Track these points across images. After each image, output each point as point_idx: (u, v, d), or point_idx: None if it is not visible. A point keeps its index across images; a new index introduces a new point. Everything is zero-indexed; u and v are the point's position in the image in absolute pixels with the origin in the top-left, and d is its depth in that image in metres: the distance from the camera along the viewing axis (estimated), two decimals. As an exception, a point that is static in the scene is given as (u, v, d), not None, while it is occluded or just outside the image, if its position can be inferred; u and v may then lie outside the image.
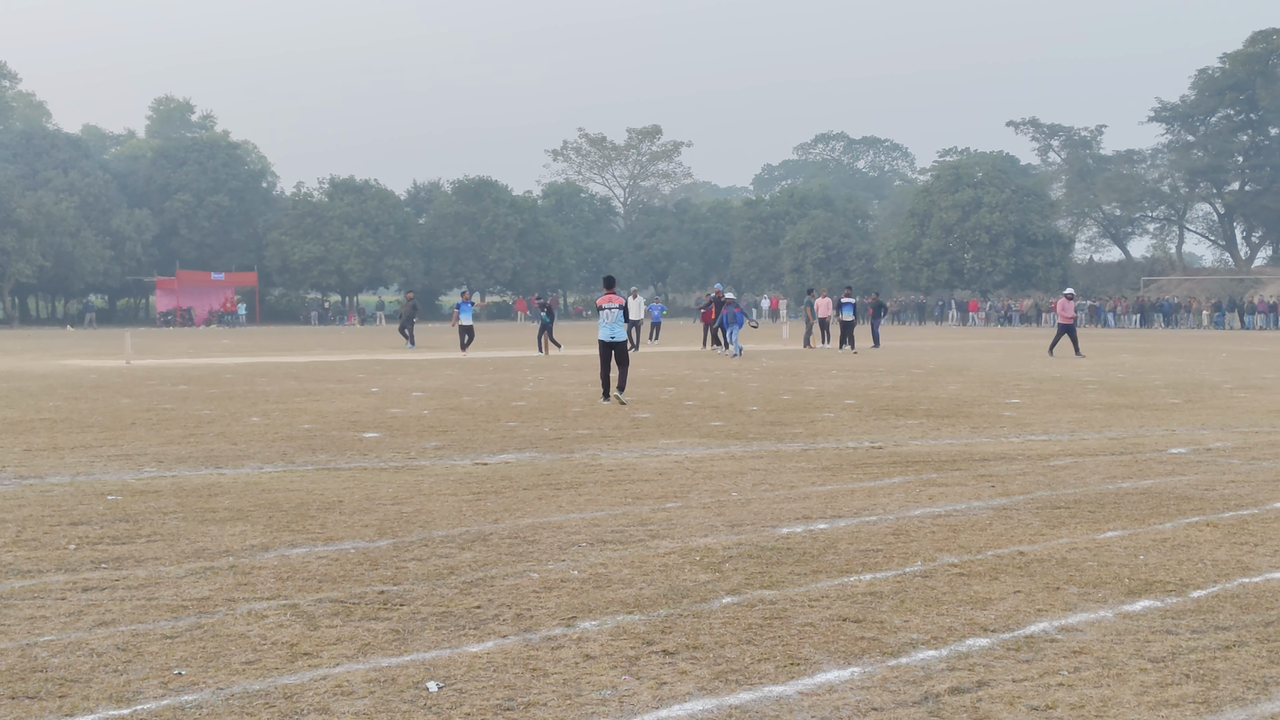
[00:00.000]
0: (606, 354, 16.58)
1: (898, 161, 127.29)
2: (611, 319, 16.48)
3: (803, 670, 4.69)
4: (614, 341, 16.50)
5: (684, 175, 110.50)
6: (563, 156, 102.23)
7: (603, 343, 16.54)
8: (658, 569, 6.40)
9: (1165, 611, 5.55)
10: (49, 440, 12.19)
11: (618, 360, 16.53)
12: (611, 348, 16.53)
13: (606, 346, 16.53)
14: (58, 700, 4.33)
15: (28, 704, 4.29)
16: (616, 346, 16.52)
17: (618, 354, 16.53)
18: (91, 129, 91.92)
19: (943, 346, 37.56)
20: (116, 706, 4.27)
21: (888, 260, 78.29)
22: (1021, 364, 26.68)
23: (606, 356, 16.59)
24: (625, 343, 16.59)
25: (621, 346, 16.52)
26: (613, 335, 16.46)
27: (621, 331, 16.49)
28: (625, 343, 16.59)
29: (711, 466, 10.36)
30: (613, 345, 16.52)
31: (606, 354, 16.58)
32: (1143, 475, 9.84)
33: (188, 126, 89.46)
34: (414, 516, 7.96)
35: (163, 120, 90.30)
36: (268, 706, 4.27)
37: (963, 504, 8.46)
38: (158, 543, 7.06)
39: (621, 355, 16.53)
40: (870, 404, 16.35)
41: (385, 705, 4.29)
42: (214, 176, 75.24)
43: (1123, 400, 17.02)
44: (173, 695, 4.38)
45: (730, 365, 26.15)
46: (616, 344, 16.51)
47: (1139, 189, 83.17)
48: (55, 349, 36.30)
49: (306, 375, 22.74)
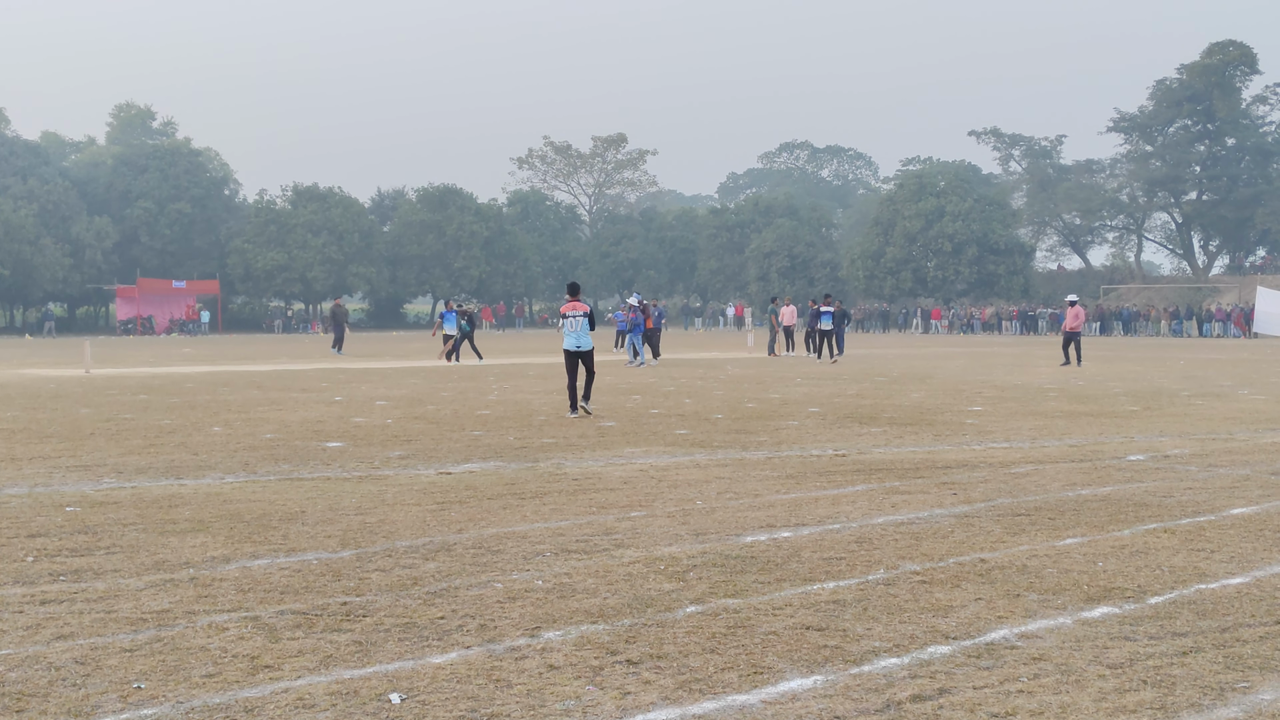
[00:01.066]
0: (573, 364, 15.91)
1: (861, 170, 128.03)
2: (575, 327, 15.87)
3: (766, 679, 4.70)
4: (579, 351, 15.87)
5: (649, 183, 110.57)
6: (528, 164, 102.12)
7: (568, 352, 15.90)
8: (622, 578, 6.41)
9: (1124, 618, 5.61)
10: (6, 451, 12.04)
11: (585, 369, 16.00)
12: (577, 357, 15.90)
13: (572, 356, 15.89)
14: (15, 715, 4.28)
15: (-16, 719, 4.24)
16: (583, 355, 15.91)
17: (584, 362, 15.95)
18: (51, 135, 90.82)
19: (906, 354, 37.78)
20: (75, 721, 4.23)
21: (852, 268, 78.72)
22: (984, 372, 26.88)
23: (573, 367, 15.92)
24: (591, 352, 15.96)
25: (588, 355, 15.92)
26: (578, 344, 15.84)
27: (587, 340, 15.88)
28: (591, 352, 15.96)
29: (676, 475, 10.38)
30: (578, 355, 15.90)
31: (573, 364, 15.91)
32: (1102, 482, 9.94)
33: (149, 133, 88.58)
34: (377, 527, 7.92)
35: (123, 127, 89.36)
36: (229, 720, 4.24)
37: (925, 512, 8.51)
38: (117, 555, 6.99)
39: (588, 364, 15.97)
40: (834, 412, 16.43)
41: (348, 718, 4.27)
42: (175, 184, 74.60)
43: (1083, 408, 17.18)
44: (132, 709, 4.34)
45: (695, 373, 26.19)
46: (582, 353, 15.89)
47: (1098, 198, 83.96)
48: (13, 358, 35.87)
49: (269, 384, 22.58)
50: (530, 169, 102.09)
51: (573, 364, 15.91)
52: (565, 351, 15.94)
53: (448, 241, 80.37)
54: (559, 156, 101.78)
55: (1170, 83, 78.28)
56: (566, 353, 15.92)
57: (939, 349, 43.46)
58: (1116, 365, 29.95)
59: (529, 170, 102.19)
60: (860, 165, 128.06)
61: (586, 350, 15.90)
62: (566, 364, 15.97)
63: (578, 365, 15.93)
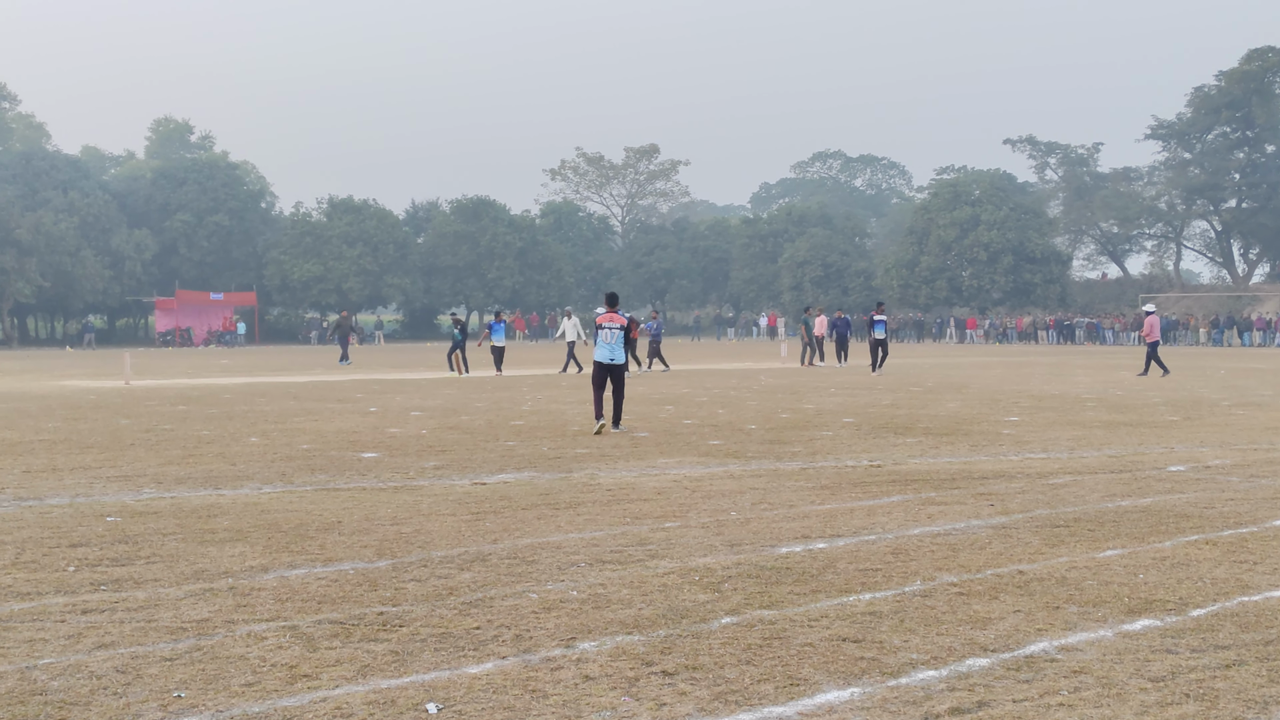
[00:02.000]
0: (601, 377, 15.15)
1: (895, 180, 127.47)
2: (611, 339, 15.17)
3: (802, 691, 4.68)
4: (612, 364, 15.16)
5: (682, 194, 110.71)
6: (561, 176, 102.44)
7: (598, 364, 15.17)
8: (657, 589, 6.40)
9: (1165, 630, 5.55)
10: (48, 461, 12.19)
11: (613, 387, 15.21)
12: (608, 371, 15.16)
13: (602, 369, 15.15)
14: (57, 723, 4.32)
15: (27, 727, 4.29)
16: (614, 370, 15.17)
17: (614, 378, 15.19)
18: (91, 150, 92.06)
19: (941, 364, 37.58)
20: (116, 729, 4.27)
21: (886, 278, 78.35)
22: (1020, 382, 26.69)
23: (601, 380, 15.15)
24: (624, 366, 15.29)
25: (619, 371, 15.20)
26: (611, 357, 15.13)
27: (621, 353, 15.21)
28: (624, 366, 15.29)
29: (710, 485, 10.36)
30: (609, 368, 15.17)
31: (601, 377, 15.15)
32: (1142, 493, 9.84)
33: (187, 147, 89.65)
34: (413, 537, 7.95)
35: (162, 141, 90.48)
36: (267, 729, 4.26)
37: (962, 523, 8.46)
38: (157, 564, 7.06)
39: (617, 380, 15.21)
40: (869, 422, 16.35)
41: (385, 727, 4.29)
42: (213, 196, 75.34)
43: (1122, 418, 17.03)
44: (172, 718, 4.38)
45: (729, 384, 26.15)
46: (614, 367, 15.16)
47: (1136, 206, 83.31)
48: (54, 369, 36.29)
49: (305, 395, 22.74)
50: (563, 180, 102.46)
51: (602, 377, 15.18)
52: (596, 363, 15.24)
53: (481, 252, 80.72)
54: (591, 167, 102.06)
55: (1209, 89, 77.61)
56: (597, 364, 15.21)
57: (974, 358, 43.20)
58: (1156, 375, 29.66)
59: (562, 181, 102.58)
60: (894, 174, 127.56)
61: (619, 365, 15.23)
62: (595, 376, 15.22)
63: (607, 380, 15.20)
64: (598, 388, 15.16)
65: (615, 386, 15.19)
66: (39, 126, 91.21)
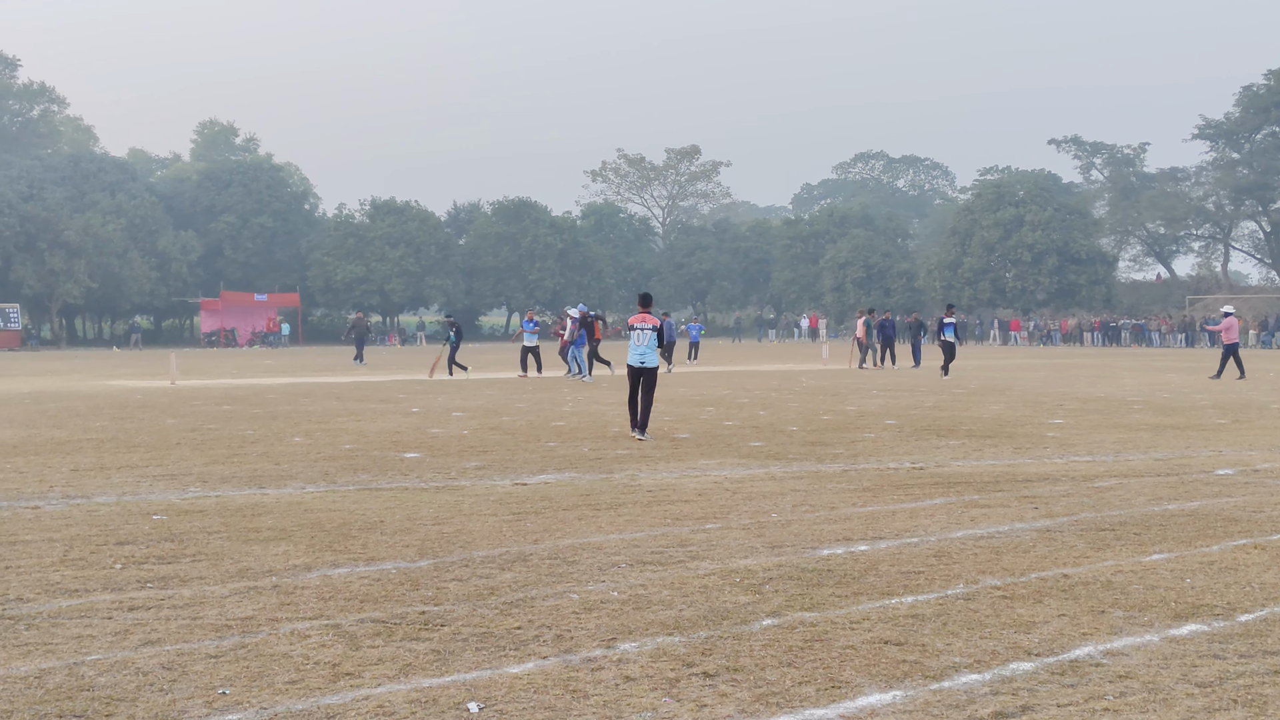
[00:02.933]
0: (635, 380, 14.64)
1: (938, 180, 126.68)
2: (643, 341, 14.65)
3: (844, 693, 4.66)
4: (644, 368, 14.63)
5: (723, 195, 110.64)
6: (601, 177, 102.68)
7: (631, 368, 14.67)
8: (698, 590, 6.39)
9: (1213, 635, 5.48)
10: (96, 460, 12.34)
11: (644, 390, 14.60)
12: (640, 374, 14.62)
13: (635, 373, 14.64)
14: (104, 719, 4.38)
15: (75, 722, 4.34)
16: (645, 373, 14.61)
17: (645, 382, 14.62)
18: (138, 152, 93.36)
19: (984, 366, 37.30)
20: (162, 725, 4.31)
21: (929, 279, 77.83)
22: (1065, 384, 26.44)
23: (635, 383, 14.65)
24: (656, 370, 14.70)
25: (651, 374, 14.61)
26: (643, 360, 14.62)
27: (653, 356, 14.65)
28: (656, 370, 14.70)
29: (751, 487, 10.34)
30: (641, 372, 14.63)
31: (635, 380, 14.64)
32: (1189, 497, 9.72)
33: (232, 149, 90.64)
34: (454, 537, 7.99)
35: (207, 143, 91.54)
36: (310, 726, 4.30)
37: (1005, 526, 8.39)
38: (202, 562, 7.13)
39: (648, 384, 14.60)
40: (911, 424, 16.26)
41: (426, 726, 4.30)
42: (258, 198, 76.09)
43: (1168, 420, 16.83)
44: (217, 714, 4.42)
45: (770, 385, 26.08)
46: (645, 370, 14.62)
47: (1183, 207, 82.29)
48: (102, 369, 36.78)
49: (348, 395, 22.90)
50: (604, 181, 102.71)
51: (635, 380, 14.68)
52: (629, 366, 14.76)
53: (523, 254, 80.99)
54: (632, 169, 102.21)
55: (1258, 89, 76.46)
56: (630, 368, 14.72)
57: (1018, 360, 42.84)
58: (1204, 377, 29.28)
59: (602, 183, 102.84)
60: (937, 175, 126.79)
61: (651, 368, 14.67)
62: (630, 378, 14.76)
63: (639, 382, 14.66)
64: (632, 393, 14.72)
65: (645, 391, 14.59)
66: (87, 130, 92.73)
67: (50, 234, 63.55)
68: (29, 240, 63.57)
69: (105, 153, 79.70)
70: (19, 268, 63.26)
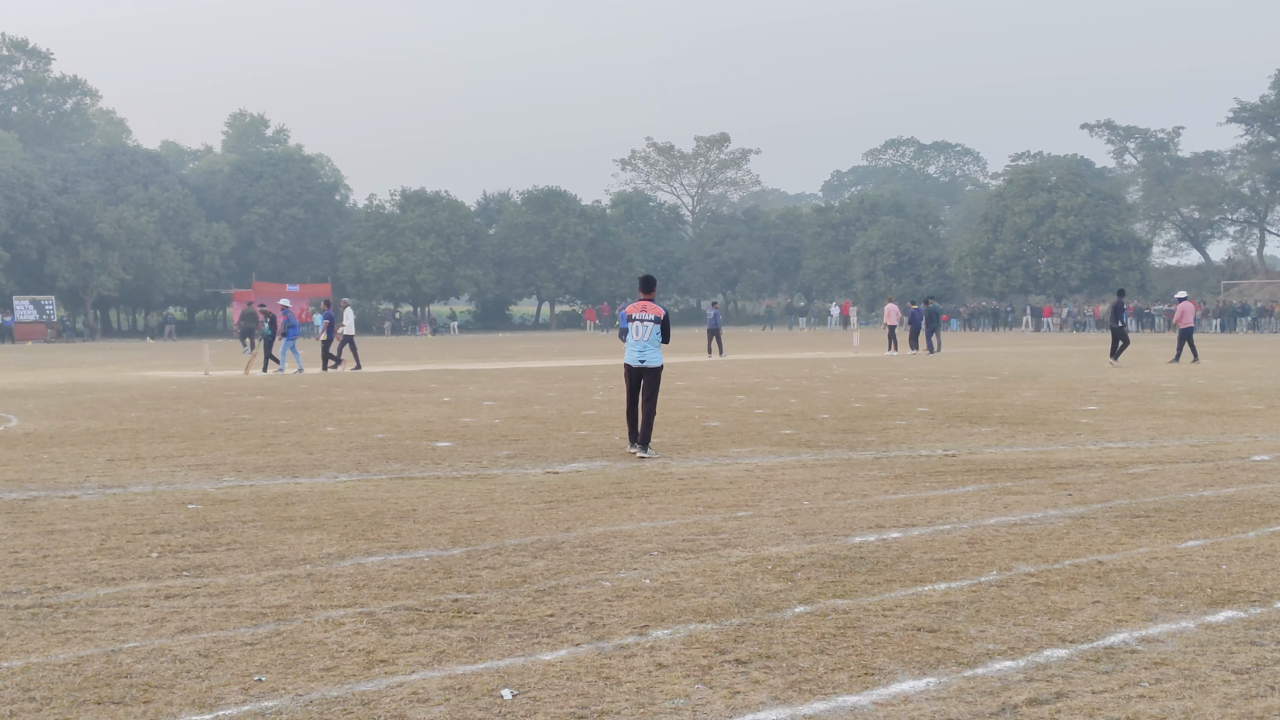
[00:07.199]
0: (634, 383, 11.98)
1: (969, 166, 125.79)
2: (642, 335, 11.90)
3: (877, 680, 4.65)
4: (642, 368, 11.91)
5: (752, 183, 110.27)
6: (631, 166, 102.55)
7: (629, 368, 12.00)
8: (730, 578, 6.39)
9: (1249, 622, 5.43)
10: (131, 450, 12.46)
11: (644, 396, 11.87)
12: (640, 375, 11.93)
13: (634, 374, 11.96)
14: (142, 705, 4.43)
15: (113, 709, 4.39)
16: (645, 374, 11.90)
17: (646, 384, 11.91)
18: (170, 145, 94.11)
19: (1017, 353, 37.06)
20: (199, 712, 4.36)
21: (960, 266, 77.39)
22: (1098, 370, 26.23)
23: (634, 387, 11.98)
24: (658, 371, 11.94)
25: (652, 375, 11.89)
26: (641, 359, 11.88)
27: (655, 355, 11.90)
28: (658, 371, 11.94)
29: (783, 475, 10.32)
30: (639, 372, 11.93)
31: (634, 383, 11.98)
32: (1225, 483, 9.63)
33: (263, 141, 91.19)
34: (487, 525, 8.02)
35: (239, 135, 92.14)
36: (345, 713, 4.33)
37: (1039, 513, 8.34)
38: (237, 551, 7.19)
39: (650, 388, 11.88)
40: (944, 411, 16.18)
41: (461, 712, 4.33)
42: (289, 190, 76.47)
43: (1204, 406, 16.67)
44: (253, 701, 4.46)
45: (801, 373, 26.02)
46: (646, 371, 11.90)
47: (1218, 191, 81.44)
48: (136, 360, 37.10)
49: (380, 385, 23.01)
50: (633, 170, 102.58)
51: (634, 383, 11.98)
52: (626, 366, 12.05)
53: (552, 243, 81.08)
54: (662, 157, 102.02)
55: (1294, 70, 75.54)
56: (627, 368, 12.05)
57: (1051, 347, 42.53)
58: (1239, 362, 28.99)
59: (632, 171, 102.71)
60: (968, 161, 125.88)
61: (651, 369, 11.91)
62: (627, 381, 12.06)
63: (639, 385, 11.96)
64: (630, 398, 12.06)
65: (645, 395, 11.89)
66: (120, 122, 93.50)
67: (84, 227, 64.15)
68: (63, 233, 64.21)
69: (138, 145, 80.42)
70: (54, 260, 63.91)
